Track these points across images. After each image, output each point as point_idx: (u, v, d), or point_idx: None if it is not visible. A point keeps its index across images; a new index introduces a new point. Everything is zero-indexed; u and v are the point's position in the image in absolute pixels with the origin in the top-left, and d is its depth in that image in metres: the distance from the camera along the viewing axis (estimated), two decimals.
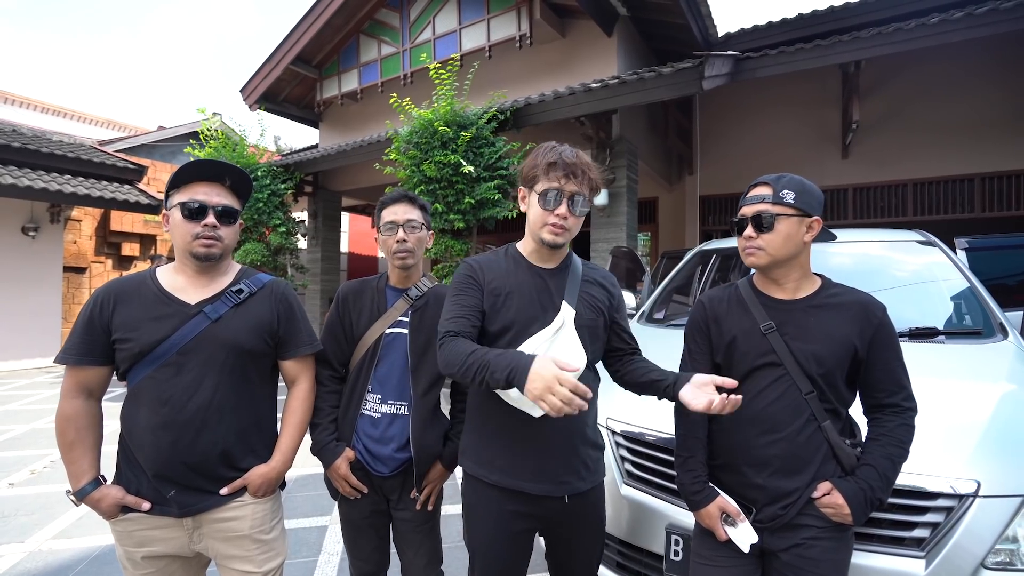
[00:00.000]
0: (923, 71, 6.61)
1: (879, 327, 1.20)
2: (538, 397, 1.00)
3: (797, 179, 1.24)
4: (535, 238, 1.32)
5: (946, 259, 2.52)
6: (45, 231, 8.56)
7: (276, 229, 7.65)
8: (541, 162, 1.27)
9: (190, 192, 1.30)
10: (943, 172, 6.73)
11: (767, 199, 1.24)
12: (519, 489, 1.27)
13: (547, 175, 1.26)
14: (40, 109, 14.93)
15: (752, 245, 1.25)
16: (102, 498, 1.25)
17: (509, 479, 1.28)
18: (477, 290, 1.31)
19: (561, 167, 1.25)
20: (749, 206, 1.27)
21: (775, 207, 1.22)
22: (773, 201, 1.22)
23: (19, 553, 2.61)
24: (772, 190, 1.24)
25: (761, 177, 1.29)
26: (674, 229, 8.73)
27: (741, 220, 1.29)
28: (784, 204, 1.21)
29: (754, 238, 1.24)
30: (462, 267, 1.37)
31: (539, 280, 1.33)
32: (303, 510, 3.06)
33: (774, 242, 1.23)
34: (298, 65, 8.72)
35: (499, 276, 1.33)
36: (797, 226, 1.22)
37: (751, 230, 1.25)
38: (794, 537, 1.17)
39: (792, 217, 1.22)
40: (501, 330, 1.28)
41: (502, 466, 1.29)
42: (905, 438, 1.18)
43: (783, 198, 1.21)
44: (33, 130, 9.46)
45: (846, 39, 4.56)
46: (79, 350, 1.26)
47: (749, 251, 1.27)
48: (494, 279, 1.32)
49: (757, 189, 1.27)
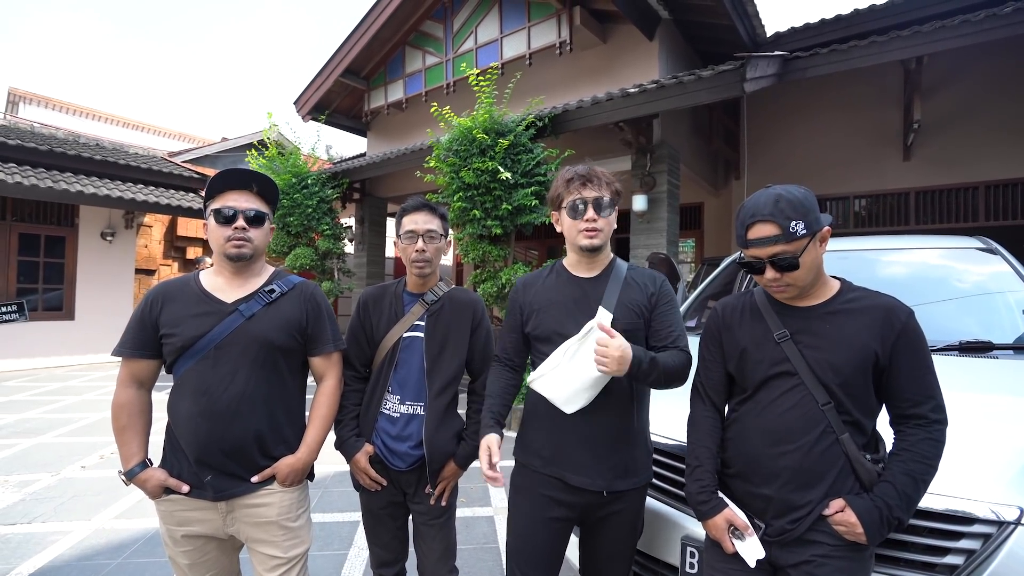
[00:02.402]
0: (993, 65, 6.12)
1: (903, 331, 1.13)
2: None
3: (790, 198, 1.13)
4: (574, 248, 1.47)
5: (1008, 268, 2.33)
6: (120, 236, 9.33)
7: (324, 234, 8.00)
8: (560, 183, 1.46)
9: (222, 200, 1.42)
10: (1021, 173, 6.20)
11: (780, 239, 1.12)
12: (559, 476, 1.40)
13: (568, 190, 1.44)
14: (119, 123, 16.30)
15: (780, 284, 1.18)
16: (148, 479, 1.37)
17: (551, 466, 1.42)
18: (517, 311, 1.54)
19: (577, 180, 1.42)
20: (760, 248, 1.15)
21: (791, 245, 1.12)
22: (787, 240, 1.12)
23: (86, 530, 2.86)
24: (779, 228, 1.12)
25: (752, 211, 1.16)
26: (719, 235, 8.46)
27: (755, 262, 1.19)
28: (799, 239, 1.12)
29: (779, 278, 1.17)
30: (512, 289, 1.61)
31: (578, 289, 1.46)
32: (338, 505, 3.18)
33: (802, 276, 1.16)
34: (347, 77, 9.10)
35: (539, 291, 1.51)
36: (815, 249, 1.15)
37: (773, 272, 1.16)
38: (804, 553, 1.12)
39: (809, 244, 1.13)
40: (542, 338, 1.46)
41: (546, 455, 1.43)
42: (930, 453, 1.10)
43: (796, 233, 1.11)
44: (113, 143, 10.34)
45: (905, 34, 4.31)
46: (132, 344, 1.40)
47: (778, 289, 1.20)
48: (534, 296, 1.52)
49: (761, 228, 1.14)
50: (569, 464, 1.39)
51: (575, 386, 1.34)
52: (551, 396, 1.37)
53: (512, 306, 1.57)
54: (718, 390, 1.32)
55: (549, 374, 1.36)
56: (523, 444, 1.51)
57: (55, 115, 14.73)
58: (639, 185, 5.66)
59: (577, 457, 1.39)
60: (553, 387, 1.36)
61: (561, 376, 1.35)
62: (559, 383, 1.35)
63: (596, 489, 1.37)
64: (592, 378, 1.32)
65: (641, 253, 5.77)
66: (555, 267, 1.56)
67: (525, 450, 1.50)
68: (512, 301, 1.57)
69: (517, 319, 1.53)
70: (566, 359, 1.34)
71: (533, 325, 1.48)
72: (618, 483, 1.39)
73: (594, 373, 1.31)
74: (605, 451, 1.38)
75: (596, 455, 1.38)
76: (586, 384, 1.33)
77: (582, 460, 1.39)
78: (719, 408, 1.32)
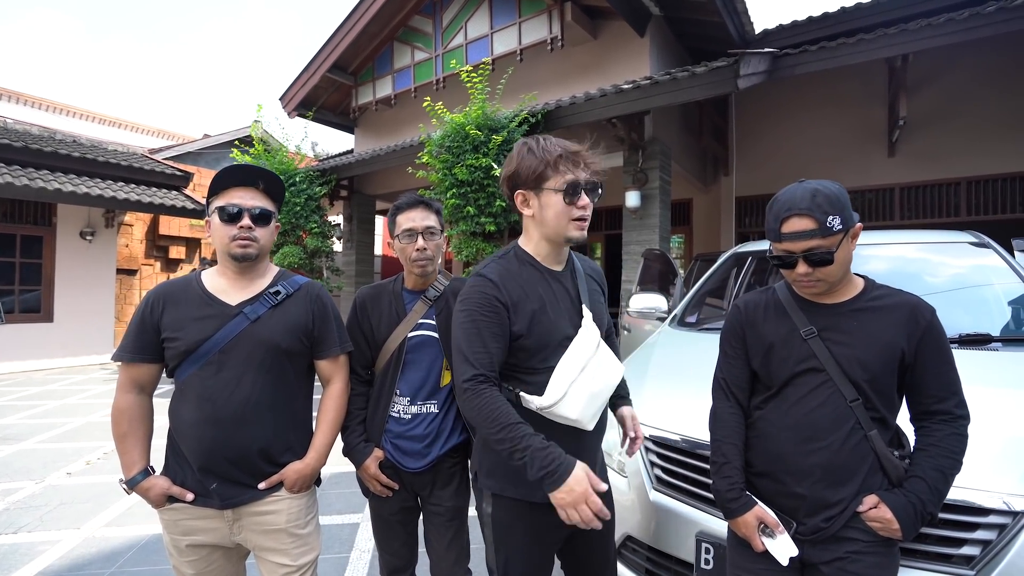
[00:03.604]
0: (978, 63, 6.26)
1: (927, 329, 1.14)
2: (566, 506, 1.07)
3: (827, 193, 1.12)
4: (558, 237, 1.24)
5: (1002, 262, 2.38)
6: (100, 235, 9.08)
7: (312, 232, 7.89)
8: (546, 157, 1.21)
9: (227, 197, 1.36)
10: (1001, 169, 6.35)
11: (816, 233, 1.11)
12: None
13: (557, 169, 1.20)
14: (99, 120, 15.86)
15: (811, 279, 1.16)
16: (150, 488, 1.32)
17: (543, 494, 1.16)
18: (503, 315, 1.20)
19: (568, 157, 1.21)
20: (795, 243, 1.13)
21: (827, 240, 1.11)
22: (824, 235, 1.10)
23: (75, 539, 2.77)
24: (816, 222, 1.10)
25: (788, 205, 1.14)
26: (708, 231, 8.54)
27: (787, 256, 1.17)
28: (835, 234, 1.11)
29: (811, 273, 1.15)
30: (479, 284, 1.23)
31: (558, 286, 1.29)
32: (336, 507, 3.14)
33: (834, 272, 1.15)
34: (335, 73, 8.97)
35: (521, 290, 1.24)
36: (847, 245, 1.15)
37: (805, 267, 1.14)
38: (838, 550, 1.12)
39: (843, 240, 1.13)
40: (535, 347, 1.22)
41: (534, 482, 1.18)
42: (957, 448, 1.11)
43: (832, 228, 1.10)
44: (91, 140, 10.05)
45: (891, 32, 4.38)
46: (132, 348, 1.34)
47: (808, 284, 1.18)
48: (519, 297, 1.23)
49: (797, 222, 1.13)
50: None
51: (600, 400, 1.24)
52: (578, 417, 1.19)
53: (490, 304, 1.20)
54: (742, 387, 1.31)
55: (570, 392, 1.18)
56: (509, 477, 1.26)
57: (28, 111, 14.28)
58: (632, 181, 5.67)
59: None
60: (579, 406, 1.19)
61: (585, 391, 1.20)
62: (584, 400, 1.20)
63: None
64: (612, 387, 1.27)
65: (634, 249, 5.80)
66: (518, 255, 1.30)
67: (514, 483, 1.25)
68: (488, 297, 1.21)
69: (501, 320, 1.20)
70: (586, 373, 1.20)
71: (525, 330, 1.21)
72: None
73: (613, 382, 1.26)
74: (592, 460, 1.30)
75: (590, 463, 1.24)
76: (607, 396, 1.27)
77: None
78: (743, 405, 1.31)
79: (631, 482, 1.76)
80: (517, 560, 1.28)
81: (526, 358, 1.23)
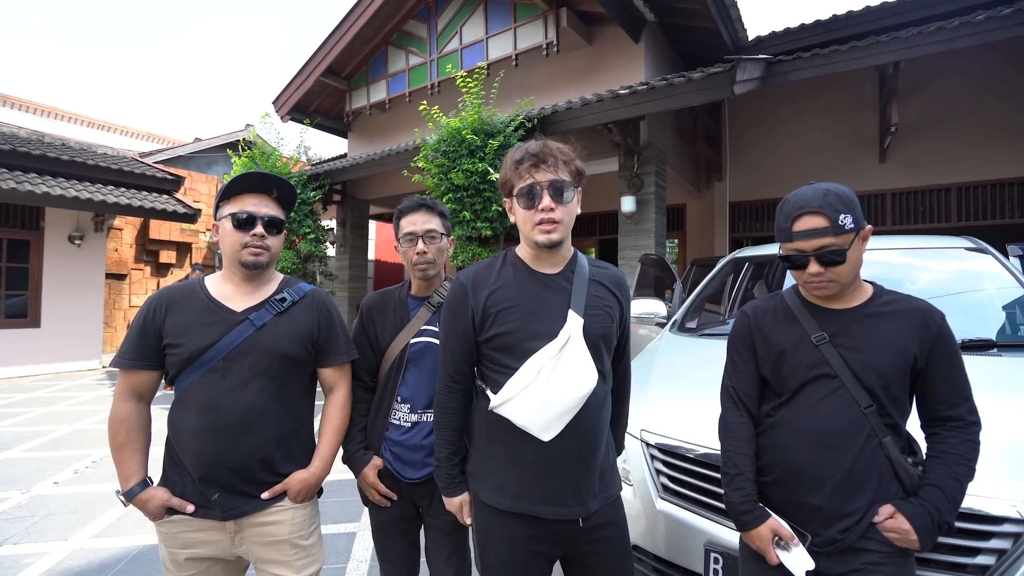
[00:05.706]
0: (968, 71, 6.36)
1: (938, 334, 1.13)
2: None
3: (838, 192, 1.14)
4: (530, 243, 1.24)
5: (999, 267, 2.40)
6: (90, 239, 8.94)
7: (306, 237, 7.81)
8: (509, 165, 1.22)
9: (240, 204, 1.34)
10: (990, 175, 6.44)
11: (828, 231, 1.11)
12: (533, 514, 1.18)
13: (517, 173, 1.20)
14: (86, 123, 15.66)
15: (822, 280, 1.16)
16: (149, 499, 1.28)
17: (522, 504, 1.18)
18: (466, 316, 1.23)
19: (528, 160, 1.18)
20: (806, 241, 1.14)
21: (839, 238, 1.11)
22: (835, 233, 1.11)
23: (63, 551, 2.70)
24: (828, 220, 1.11)
25: (800, 204, 1.15)
26: (702, 236, 8.58)
27: (798, 255, 1.17)
28: (847, 232, 1.12)
29: (822, 273, 1.14)
30: (453, 285, 1.29)
31: (543, 288, 1.23)
32: (333, 516, 3.09)
33: (846, 273, 1.15)
34: (328, 77, 8.93)
35: (495, 290, 1.23)
36: (859, 246, 1.15)
37: (816, 266, 1.14)
38: (854, 562, 1.10)
39: (855, 240, 1.13)
40: (503, 348, 1.20)
41: (515, 492, 1.19)
42: (970, 455, 1.10)
43: (844, 226, 1.11)
44: (80, 143, 9.91)
45: (884, 39, 4.42)
46: (132, 354, 1.30)
47: (819, 285, 1.17)
48: (489, 296, 1.22)
49: (808, 220, 1.13)
50: (544, 498, 1.18)
51: (555, 409, 1.15)
52: (525, 422, 1.16)
53: (458, 309, 1.25)
54: (751, 395, 1.29)
55: (520, 396, 1.16)
56: (481, 480, 1.25)
57: (13, 113, 14.07)
58: (627, 186, 5.68)
59: (554, 488, 1.18)
60: (527, 412, 1.15)
61: (536, 398, 1.15)
62: (535, 407, 1.15)
63: (572, 519, 1.19)
64: (575, 399, 1.16)
65: (629, 254, 5.80)
66: (507, 258, 1.29)
67: (485, 487, 1.24)
68: (457, 303, 1.25)
69: (467, 325, 1.23)
70: (540, 379, 1.15)
71: (491, 332, 1.21)
72: (592, 504, 1.21)
73: (578, 393, 1.16)
74: (578, 474, 1.20)
75: (569, 480, 1.19)
76: (568, 407, 1.16)
77: (558, 491, 1.18)
78: (752, 413, 1.29)
79: (636, 490, 1.74)
80: (495, 567, 1.23)
81: (499, 357, 1.22)
